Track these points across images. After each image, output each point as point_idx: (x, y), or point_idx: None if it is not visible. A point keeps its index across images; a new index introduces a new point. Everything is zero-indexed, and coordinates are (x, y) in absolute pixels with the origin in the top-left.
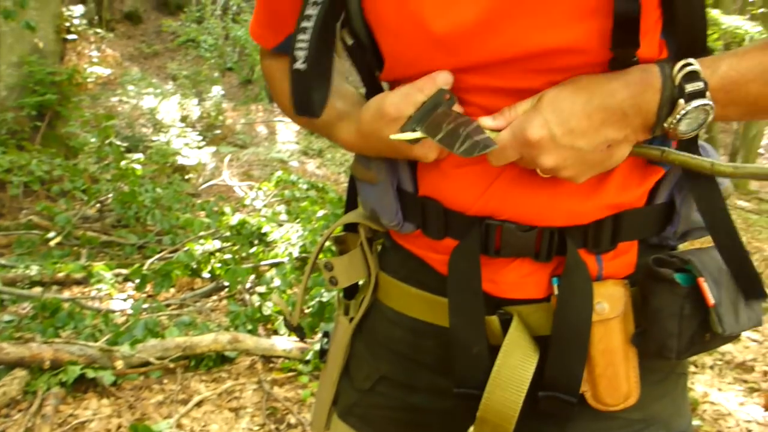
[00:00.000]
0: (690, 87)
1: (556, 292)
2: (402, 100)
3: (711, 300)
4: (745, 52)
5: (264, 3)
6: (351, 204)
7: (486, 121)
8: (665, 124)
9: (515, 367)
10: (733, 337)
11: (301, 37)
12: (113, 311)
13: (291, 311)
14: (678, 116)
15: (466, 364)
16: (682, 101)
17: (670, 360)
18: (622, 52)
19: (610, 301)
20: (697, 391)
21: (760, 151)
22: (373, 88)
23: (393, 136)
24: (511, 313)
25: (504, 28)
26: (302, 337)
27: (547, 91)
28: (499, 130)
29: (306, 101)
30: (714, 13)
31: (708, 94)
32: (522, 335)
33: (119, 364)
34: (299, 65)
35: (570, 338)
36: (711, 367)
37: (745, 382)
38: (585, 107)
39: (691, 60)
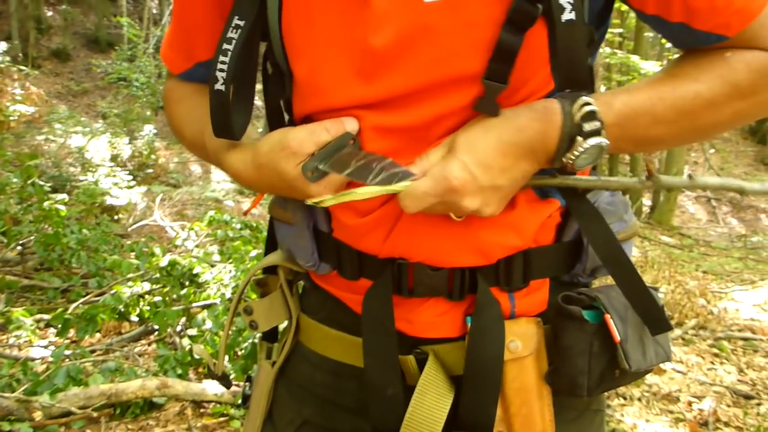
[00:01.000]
0: (588, 126)
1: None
2: (306, 136)
3: (617, 336)
4: (636, 89)
5: (178, 26)
6: (271, 245)
7: (415, 168)
8: (564, 159)
9: (429, 406)
10: (643, 373)
11: (222, 58)
12: (33, 359)
13: (214, 362)
14: (576, 153)
15: (381, 406)
16: (580, 139)
17: (582, 398)
18: (491, 87)
19: (523, 339)
20: (627, 423)
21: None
22: (278, 126)
23: (317, 201)
24: (426, 352)
25: (419, 50)
26: (228, 386)
27: (457, 134)
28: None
29: (225, 123)
30: (633, 59)
31: (603, 132)
32: (437, 374)
33: (38, 416)
34: (219, 86)
35: (482, 377)
36: (639, 399)
37: (671, 412)
38: (498, 145)
39: (588, 99)
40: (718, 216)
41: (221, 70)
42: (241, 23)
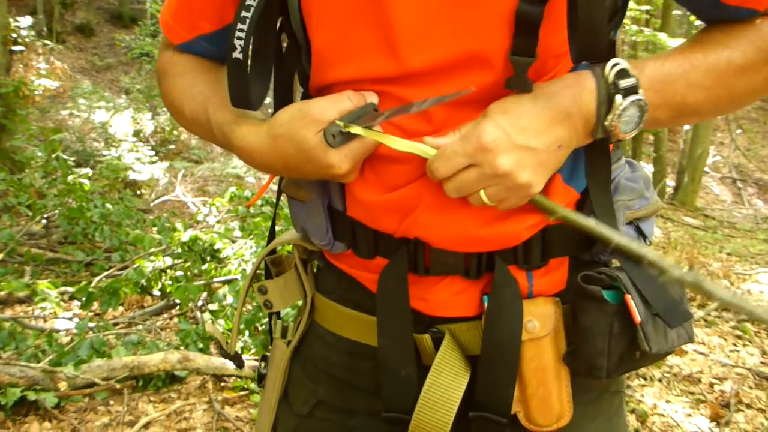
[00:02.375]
0: (624, 83)
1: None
2: (329, 104)
3: (637, 318)
4: (665, 57)
5: None
6: (271, 234)
7: (431, 140)
8: (606, 123)
9: (445, 386)
10: (664, 355)
11: (240, 26)
12: (58, 331)
13: (227, 341)
14: (617, 112)
15: (394, 386)
16: (619, 97)
17: (601, 379)
18: (519, 62)
19: (540, 320)
20: (647, 404)
21: (706, 169)
22: (284, 103)
23: (352, 129)
24: (443, 331)
25: (441, 22)
26: (240, 365)
27: (491, 104)
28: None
29: (243, 92)
30: (661, 37)
31: (641, 90)
32: (453, 354)
33: (63, 386)
34: (237, 54)
35: (499, 357)
36: (659, 380)
37: (692, 393)
38: (533, 109)
39: (618, 60)
40: (743, 197)
41: (239, 38)
42: None
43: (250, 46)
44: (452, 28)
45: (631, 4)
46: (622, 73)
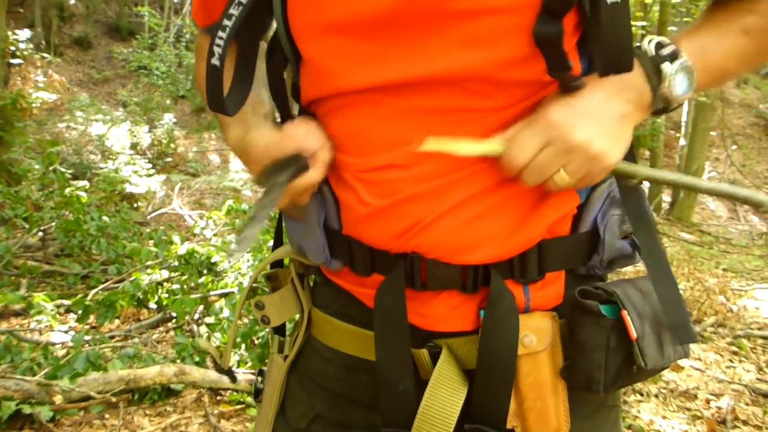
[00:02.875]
0: (665, 51)
1: None
2: (265, 149)
3: (633, 333)
4: (692, 32)
5: None
6: (279, 239)
7: (495, 138)
8: (663, 91)
9: (443, 401)
10: (660, 369)
11: (220, 34)
12: (53, 344)
13: (221, 355)
14: (670, 78)
15: (392, 401)
16: (666, 64)
17: (598, 393)
18: (560, 77)
19: (537, 334)
20: (643, 419)
21: None
22: (283, 109)
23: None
24: (440, 346)
25: (432, 31)
26: (234, 380)
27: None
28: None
29: (218, 98)
30: None
31: (683, 54)
32: (451, 368)
33: (58, 399)
34: (215, 61)
35: (494, 370)
36: (656, 396)
37: (688, 410)
38: (584, 92)
39: (650, 36)
40: (739, 213)
41: (218, 45)
42: (244, 0)
43: (235, 54)
44: (446, 41)
45: None
46: (660, 44)
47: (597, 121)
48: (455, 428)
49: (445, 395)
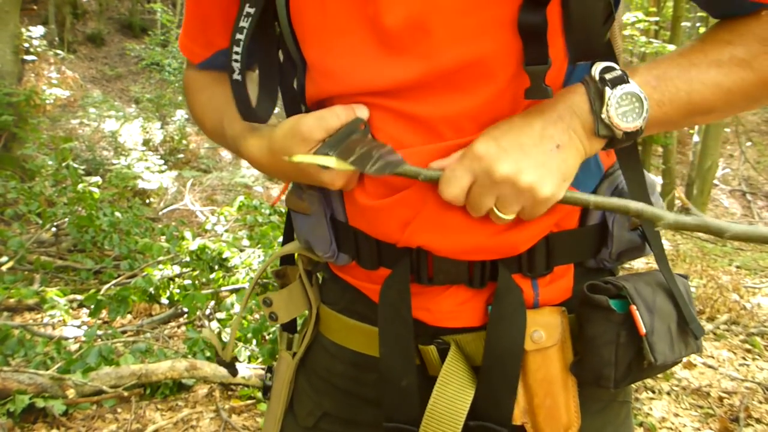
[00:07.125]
0: (609, 75)
1: None
2: (316, 123)
3: (642, 329)
4: (663, 57)
5: (194, 15)
6: (288, 236)
7: (435, 164)
8: (603, 117)
9: (452, 397)
10: (671, 365)
11: (236, 49)
12: (66, 338)
13: (222, 347)
14: (610, 103)
15: (394, 396)
16: (608, 89)
17: (609, 389)
18: (534, 71)
19: (546, 329)
20: (655, 417)
21: (715, 182)
22: (294, 112)
23: (296, 158)
24: (448, 342)
25: (432, 30)
26: (234, 373)
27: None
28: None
29: (248, 108)
30: (670, 48)
31: (632, 81)
32: (459, 365)
33: (71, 393)
34: (236, 76)
35: (500, 366)
36: (668, 393)
37: (701, 407)
38: (522, 120)
39: (604, 62)
40: (753, 210)
41: (236, 61)
42: (252, 11)
43: (256, 64)
44: (446, 38)
45: (641, 16)
46: (608, 69)
47: (524, 153)
48: (463, 427)
49: (453, 392)
